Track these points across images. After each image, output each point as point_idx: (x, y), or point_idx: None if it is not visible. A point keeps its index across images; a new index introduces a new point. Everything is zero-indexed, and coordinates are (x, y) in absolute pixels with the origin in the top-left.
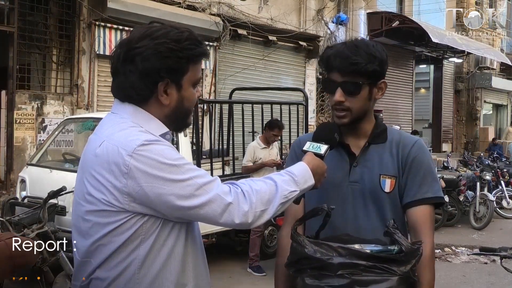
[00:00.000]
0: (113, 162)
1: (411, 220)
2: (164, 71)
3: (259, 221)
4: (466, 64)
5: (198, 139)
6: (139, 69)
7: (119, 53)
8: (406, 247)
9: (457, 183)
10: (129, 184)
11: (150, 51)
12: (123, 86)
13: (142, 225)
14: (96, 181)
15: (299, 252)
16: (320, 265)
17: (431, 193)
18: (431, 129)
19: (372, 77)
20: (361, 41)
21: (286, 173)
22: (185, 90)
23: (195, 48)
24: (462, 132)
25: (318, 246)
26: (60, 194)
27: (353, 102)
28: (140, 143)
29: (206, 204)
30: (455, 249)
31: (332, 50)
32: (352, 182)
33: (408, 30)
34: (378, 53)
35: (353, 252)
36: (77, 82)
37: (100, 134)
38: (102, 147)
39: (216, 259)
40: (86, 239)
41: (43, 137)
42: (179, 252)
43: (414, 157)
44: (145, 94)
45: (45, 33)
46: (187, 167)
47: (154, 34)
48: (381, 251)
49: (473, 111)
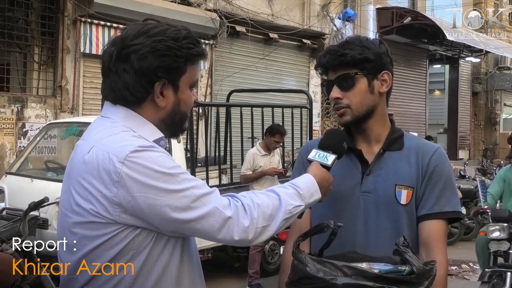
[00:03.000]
0: (103, 169)
1: (424, 234)
2: (162, 70)
3: (260, 238)
4: (484, 64)
5: (192, 146)
6: (135, 68)
7: (112, 51)
8: (418, 267)
9: (475, 194)
10: (120, 193)
11: (147, 49)
12: (116, 86)
13: (133, 239)
14: (85, 190)
15: (300, 270)
16: (323, 285)
17: (449, 207)
18: (447, 134)
19: (367, 67)
20: (354, 37)
21: (290, 186)
22: (182, 92)
23: (194, 47)
24: (480, 138)
25: (321, 265)
26: (42, 205)
27: (350, 97)
28: (133, 149)
29: (203, 217)
30: (473, 265)
31: (324, 51)
32: (364, 192)
33: (421, 27)
34: (373, 45)
35: (359, 272)
36: (61, 84)
37: (89, 140)
38: (91, 153)
39: (213, 277)
40: (73, 254)
41: (23, 144)
42: (174, 268)
43: (435, 166)
44: (140, 95)
45: (26, 30)
46: (184, 177)
47: (151, 31)
48: (390, 272)
49: (492, 115)
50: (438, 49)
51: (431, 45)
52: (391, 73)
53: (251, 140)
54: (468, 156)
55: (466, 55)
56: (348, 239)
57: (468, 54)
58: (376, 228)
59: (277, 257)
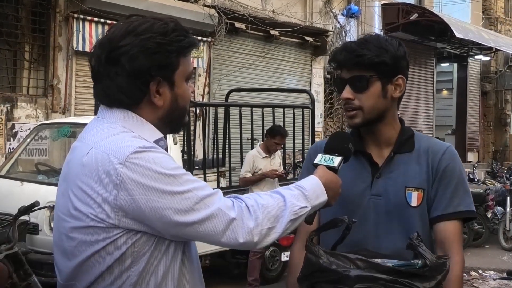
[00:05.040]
0: (103, 172)
1: (440, 236)
2: (155, 69)
3: (265, 240)
4: (494, 62)
5: (190, 147)
6: (127, 70)
7: (101, 54)
8: (431, 261)
9: (484, 198)
10: (121, 196)
11: (136, 49)
12: (110, 91)
13: (134, 244)
14: (83, 194)
15: (313, 263)
16: (335, 278)
17: (463, 206)
18: (455, 136)
19: (383, 71)
20: (374, 35)
21: (295, 187)
22: (178, 87)
23: (184, 39)
24: (490, 139)
25: (334, 257)
26: (32, 210)
27: (362, 99)
28: (133, 150)
29: (207, 219)
30: (483, 273)
31: (341, 46)
32: (374, 196)
33: (428, 23)
34: (391, 47)
35: (372, 265)
36: (52, 83)
37: (87, 141)
38: (90, 155)
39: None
40: (70, 260)
41: (13, 145)
42: (175, 274)
43: (446, 166)
44: (136, 97)
45: (16, 27)
46: (186, 178)
47: (138, 29)
48: (403, 265)
49: (503, 116)
50: (446, 46)
51: (439, 43)
52: (406, 78)
53: (251, 141)
54: (477, 159)
55: (475, 53)
56: (358, 242)
57: (477, 52)
58: (387, 231)
59: (277, 264)
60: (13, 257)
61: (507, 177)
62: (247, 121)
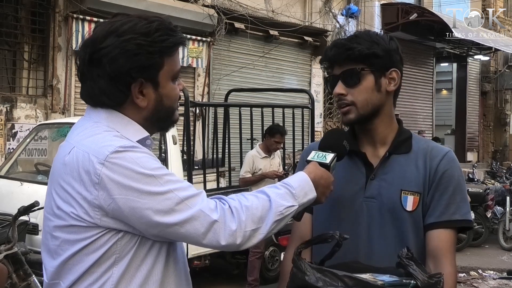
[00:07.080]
0: (83, 171)
1: (432, 244)
2: (136, 71)
3: (249, 242)
4: (493, 62)
5: (189, 148)
6: (108, 72)
7: (84, 56)
8: (422, 281)
9: (484, 198)
10: (101, 195)
11: (117, 51)
12: (93, 92)
13: (116, 243)
14: (65, 193)
15: (298, 279)
16: None
17: (459, 215)
18: (454, 136)
19: (375, 63)
20: (364, 31)
21: (282, 185)
22: (163, 87)
23: (168, 38)
24: (490, 139)
25: (321, 274)
26: (32, 210)
27: (355, 94)
28: (113, 150)
29: (187, 221)
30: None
31: (331, 44)
32: (367, 198)
33: (428, 23)
34: (382, 40)
35: (361, 283)
36: (51, 83)
37: (71, 140)
38: (72, 154)
39: (210, 284)
40: (54, 259)
41: (12, 145)
42: (158, 274)
43: (444, 171)
44: (118, 99)
45: (16, 27)
46: (167, 178)
47: (120, 29)
48: (394, 285)
49: (502, 116)
50: (446, 46)
51: (438, 43)
52: (400, 72)
53: (251, 141)
54: (477, 159)
55: (475, 53)
56: (350, 247)
57: (476, 52)
58: (380, 235)
59: (277, 264)
60: (13, 257)
61: (506, 177)
62: (246, 121)
